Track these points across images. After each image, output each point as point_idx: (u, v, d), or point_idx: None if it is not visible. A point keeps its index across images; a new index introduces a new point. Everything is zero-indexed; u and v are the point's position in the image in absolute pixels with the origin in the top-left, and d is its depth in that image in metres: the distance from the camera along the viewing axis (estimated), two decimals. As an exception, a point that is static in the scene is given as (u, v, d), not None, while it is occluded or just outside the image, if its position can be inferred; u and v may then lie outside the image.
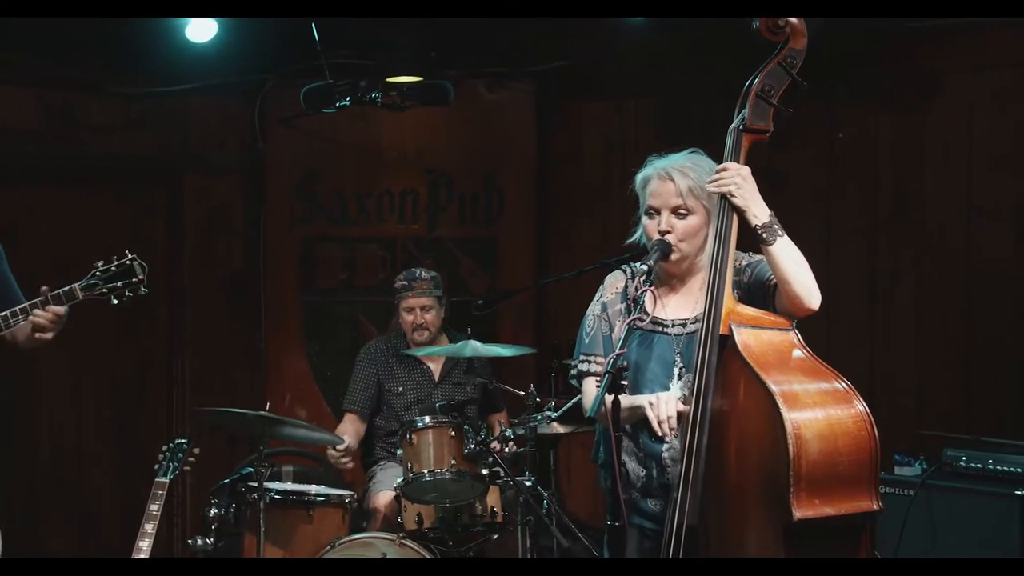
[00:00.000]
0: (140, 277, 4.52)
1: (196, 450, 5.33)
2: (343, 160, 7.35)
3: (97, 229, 6.79)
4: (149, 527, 5.04)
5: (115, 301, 4.54)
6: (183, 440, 5.35)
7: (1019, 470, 5.27)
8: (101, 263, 4.54)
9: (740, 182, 3.71)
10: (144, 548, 5.00)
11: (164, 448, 5.32)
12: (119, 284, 4.51)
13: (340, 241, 7.38)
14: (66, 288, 4.55)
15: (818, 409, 3.44)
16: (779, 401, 3.40)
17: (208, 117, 7.35)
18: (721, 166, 3.76)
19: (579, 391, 4.11)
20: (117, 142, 7.14)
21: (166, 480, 5.19)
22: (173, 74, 7.00)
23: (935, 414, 6.27)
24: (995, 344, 6.28)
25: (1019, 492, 5.18)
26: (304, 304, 7.38)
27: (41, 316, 4.53)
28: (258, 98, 7.30)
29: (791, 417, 3.38)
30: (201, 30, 6.46)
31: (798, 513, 3.35)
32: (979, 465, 5.37)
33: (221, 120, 7.38)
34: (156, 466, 5.25)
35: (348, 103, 6.70)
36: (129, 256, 4.54)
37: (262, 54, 6.98)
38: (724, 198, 3.73)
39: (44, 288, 4.55)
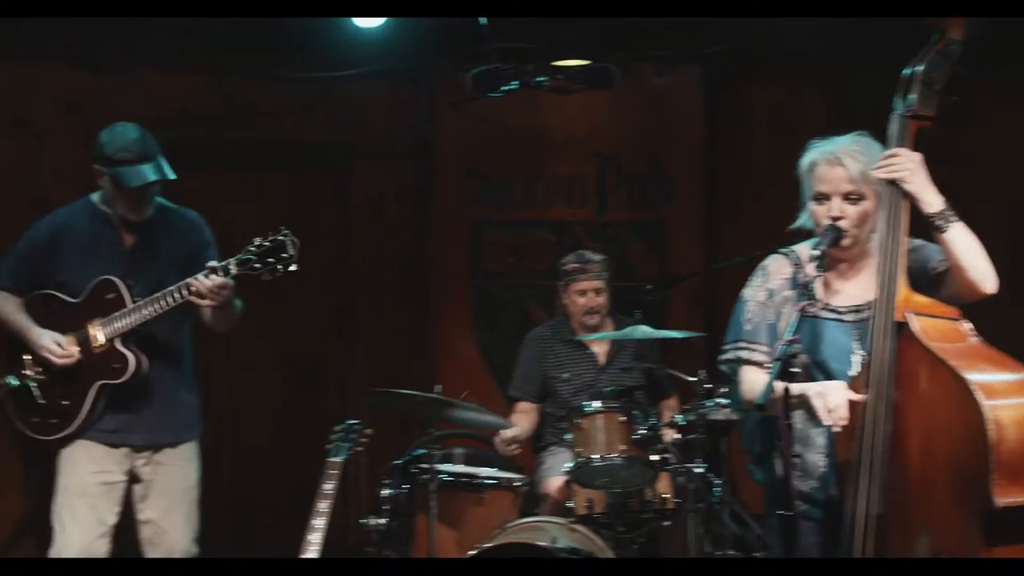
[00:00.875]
0: (291, 253, 4.60)
1: (368, 431, 5.41)
2: (511, 144, 7.36)
3: (268, 213, 6.87)
4: (323, 506, 5.14)
5: (267, 277, 4.63)
6: (355, 422, 5.43)
7: None
8: (257, 240, 4.63)
9: (912, 167, 3.66)
10: (319, 527, 5.09)
11: (337, 429, 5.41)
12: (270, 260, 4.60)
13: (508, 225, 7.41)
14: (223, 263, 4.66)
15: (1012, 397, 3.40)
16: (975, 389, 3.37)
17: (377, 102, 7.40)
18: (891, 152, 3.70)
19: (730, 378, 4.05)
20: (288, 127, 7.24)
21: (339, 460, 5.28)
22: (343, 59, 7.07)
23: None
24: None
25: None
26: (472, 288, 7.43)
27: (200, 283, 4.64)
28: (426, 83, 7.34)
29: (989, 404, 3.35)
30: (368, 17, 6.52)
31: (1000, 500, 3.32)
32: None
33: (390, 105, 7.43)
34: (329, 447, 5.34)
35: (515, 87, 6.71)
36: (282, 232, 4.61)
37: (430, 38, 7.01)
38: (895, 184, 3.66)
39: (209, 264, 4.67)
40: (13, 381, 4.99)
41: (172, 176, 4.88)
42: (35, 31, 6.37)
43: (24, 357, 4.97)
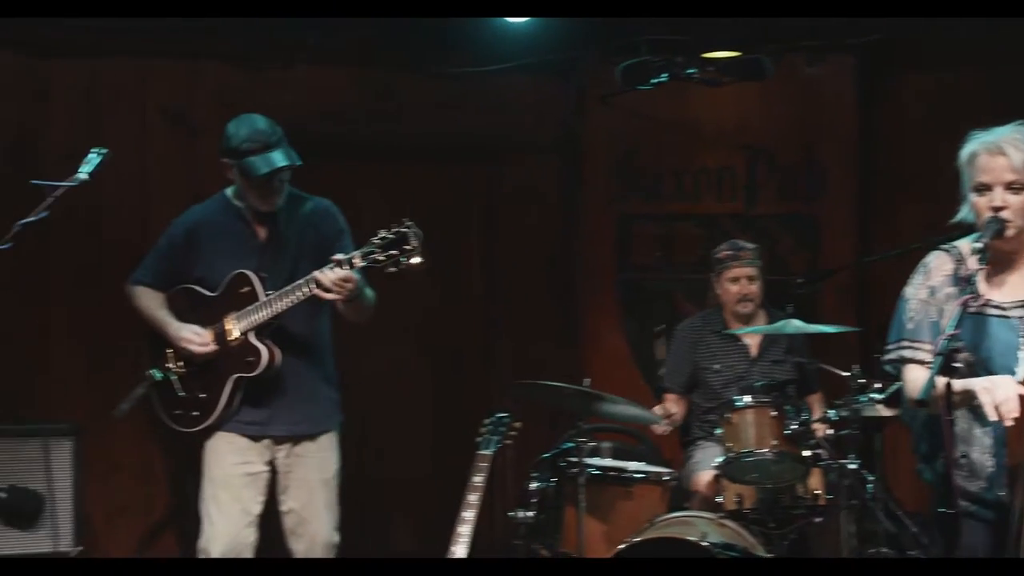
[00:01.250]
0: (413, 245, 4.60)
1: (517, 424, 5.41)
2: (660, 137, 7.31)
3: (417, 208, 6.93)
4: (473, 499, 5.16)
5: (391, 269, 4.64)
6: (505, 414, 5.44)
7: None
8: (381, 232, 4.65)
9: None
10: (468, 519, 5.11)
11: (486, 422, 5.42)
12: (393, 252, 4.61)
13: (657, 218, 7.35)
14: (347, 256, 4.69)
15: None
16: None
17: (525, 96, 7.41)
18: None
19: (894, 379, 3.98)
20: (437, 121, 7.28)
21: (489, 453, 5.30)
22: (492, 54, 7.09)
23: None
24: None
25: None
26: (620, 282, 7.38)
27: (324, 277, 4.68)
28: (575, 77, 7.33)
29: None
30: (517, 16, 6.54)
31: None
32: None
33: (538, 99, 7.43)
34: (478, 439, 5.36)
35: (665, 79, 6.67)
36: (406, 224, 4.62)
37: (578, 33, 7.00)
38: None
39: (333, 257, 4.71)
40: (157, 374, 5.14)
41: (298, 162, 4.96)
42: (193, 30, 6.52)
43: (167, 351, 5.11)
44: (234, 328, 4.94)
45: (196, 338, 4.97)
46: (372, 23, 6.59)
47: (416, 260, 4.62)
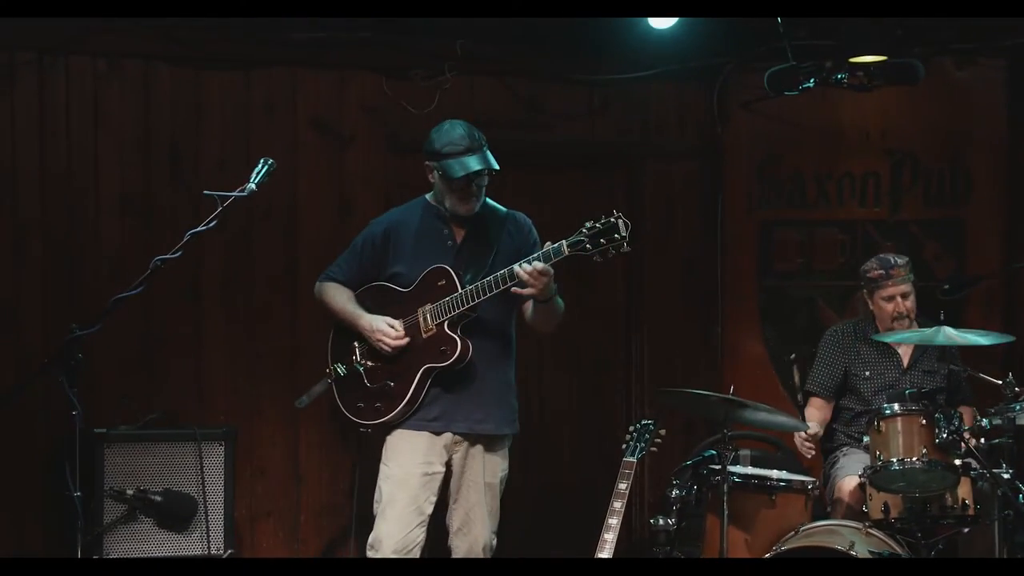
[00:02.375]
0: (623, 234, 4.64)
1: (662, 431, 5.41)
2: (803, 142, 7.27)
3: (560, 213, 6.98)
4: (618, 505, 5.16)
5: (598, 259, 4.68)
6: (650, 421, 5.44)
7: None
8: (589, 222, 4.69)
9: None
10: (613, 525, 5.12)
11: (631, 429, 5.42)
12: (602, 241, 4.65)
13: (799, 224, 7.31)
14: (555, 244, 4.74)
15: None
16: None
17: (668, 102, 7.42)
18: None
19: None
20: (580, 128, 7.33)
21: (634, 460, 5.29)
22: (635, 61, 7.12)
23: None
24: None
25: None
26: (761, 288, 7.35)
27: (523, 270, 4.74)
28: (717, 82, 7.31)
29: None
30: (663, 17, 6.54)
31: None
32: None
33: (680, 105, 7.43)
34: (623, 446, 5.36)
35: (813, 84, 6.61)
36: (615, 214, 4.66)
37: (721, 38, 6.99)
38: None
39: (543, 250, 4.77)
40: (341, 370, 5.22)
41: (495, 167, 5.03)
42: (342, 41, 6.65)
43: (354, 345, 5.19)
44: (428, 318, 5.01)
45: (392, 331, 5.05)
46: (518, 30, 6.64)
47: (626, 249, 4.67)
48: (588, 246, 4.68)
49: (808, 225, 7.30)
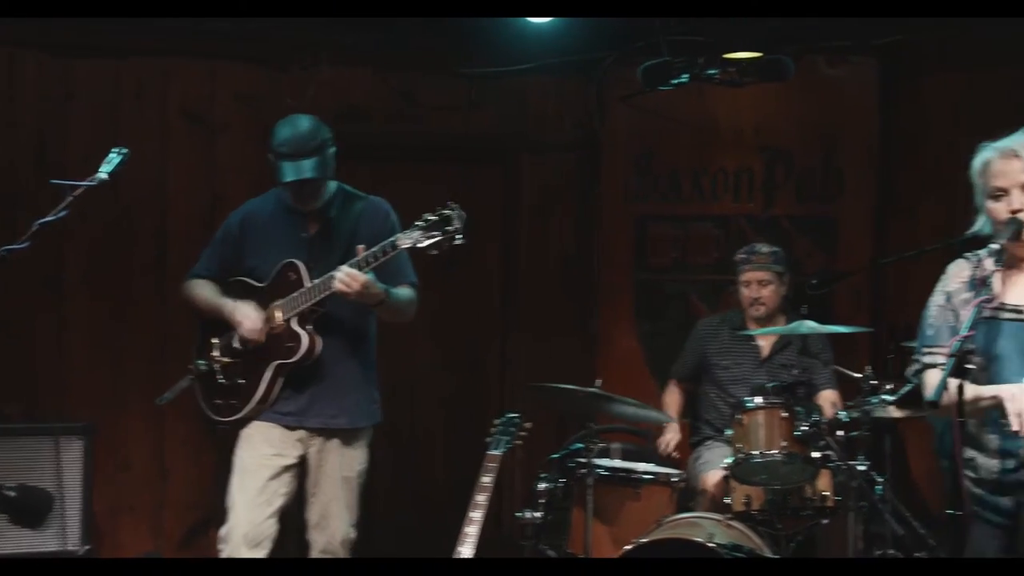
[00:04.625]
0: (457, 226, 4.62)
1: (528, 425, 5.40)
2: (679, 138, 7.30)
3: (436, 206, 6.96)
4: (481, 499, 5.14)
5: (434, 252, 4.66)
6: (515, 415, 5.44)
7: None
8: (426, 214, 4.67)
9: None
10: (476, 519, 5.10)
11: (496, 422, 5.41)
12: (435, 234, 4.63)
13: (673, 219, 7.34)
14: (387, 241, 4.71)
15: None
16: None
17: (545, 97, 7.43)
18: None
19: (920, 386, 3.96)
20: (456, 121, 7.31)
21: (498, 454, 5.27)
22: (512, 55, 7.10)
23: None
24: None
25: None
26: (636, 282, 7.38)
27: (337, 275, 4.70)
28: (595, 77, 7.33)
29: None
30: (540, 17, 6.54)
31: None
32: None
33: (558, 99, 7.45)
34: (488, 440, 5.35)
35: (686, 80, 6.65)
36: (450, 206, 4.64)
37: (600, 33, 6.99)
38: None
39: (360, 248, 4.73)
40: (203, 366, 5.17)
41: (310, 175, 4.92)
42: (214, 31, 6.56)
43: (212, 341, 5.14)
44: (278, 314, 4.97)
45: (250, 317, 4.99)
46: (394, 24, 6.61)
47: (460, 241, 4.63)
48: (423, 239, 4.65)
49: (683, 220, 7.34)
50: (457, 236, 4.63)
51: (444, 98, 7.26)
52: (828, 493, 5.39)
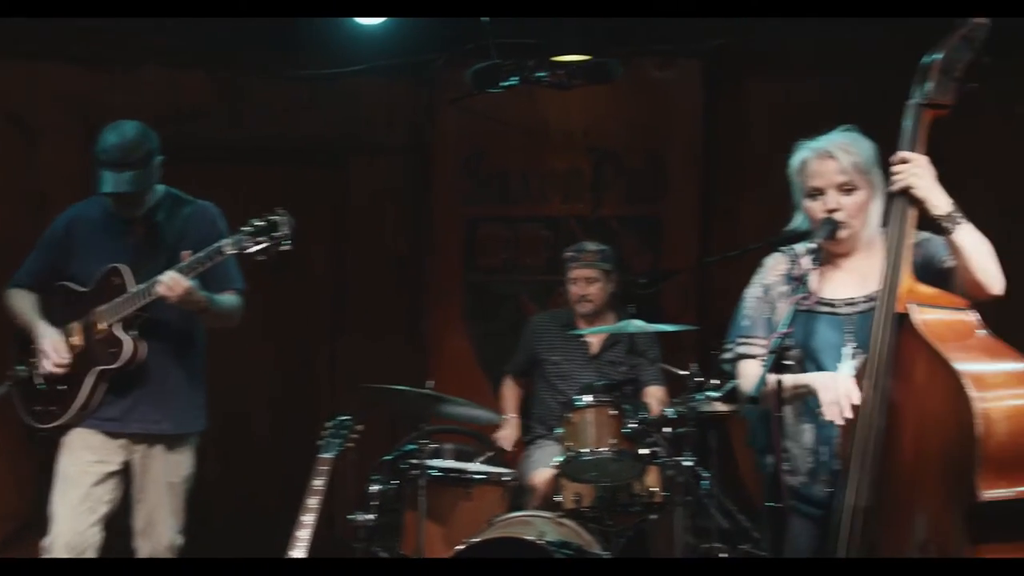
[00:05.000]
0: (285, 232, 4.60)
1: (359, 427, 5.40)
2: (509, 139, 7.35)
3: (264, 209, 6.90)
4: (313, 502, 5.12)
5: (261, 257, 4.63)
6: (346, 417, 5.42)
7: None
8: (253, 220, 4.63)
9: (920, 172, 3.61)
10: (308, 523, 5.08)
11: (328, 426, 5.40)
12: (263, 239, 4.60)
13: (504, 221, 7.40)
14: (214, 246, 4.65)
15: (1005, 389, 3.34)
16: (965, 382, 3.30)
17: (376, 98, 7.42)
18: (896, 157, 3.65)
19: (732, 374, 4.06)
20: (287, 124, 7.26)
21: (330, 456, 5.27)
22: (342, 56, 7.08)
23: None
24: None
25: None
26: (467, 284, 7.43)
27: (160, 280, 4.64)
28: (426, 79, 7.34)
29: (978, 396, 3.28)
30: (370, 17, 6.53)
31: (985, 495, 3.26)
32: None
33: (389, 101, 7.45)
34: (320, 443, 5.33)
35: (515, 82, 6.70)
36: (277, 212, 4.61)
37: (430, 35, 7.01)
38: (904, 191, 3.62)
39: (185, 253, 4.67)
40: (22, 373, 5.05)
41: (127, 189, 4.84)
42: (35, 29, 6.39)
43: (32, 347, 5.03)
44: (100, 320, 4.87)
45: (56, 351, 4.91)
46: (225, 25, 6.52)
47: (287, 247, 4.61)
48: (249, 244, 4.62)
49: (513, 221, 7.40)
50: (284, 242, 4.60)
51: (275, 100, 7.22)
52: (656, 489, 5.47)
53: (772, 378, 3.59)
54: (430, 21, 6.71)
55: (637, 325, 5.68)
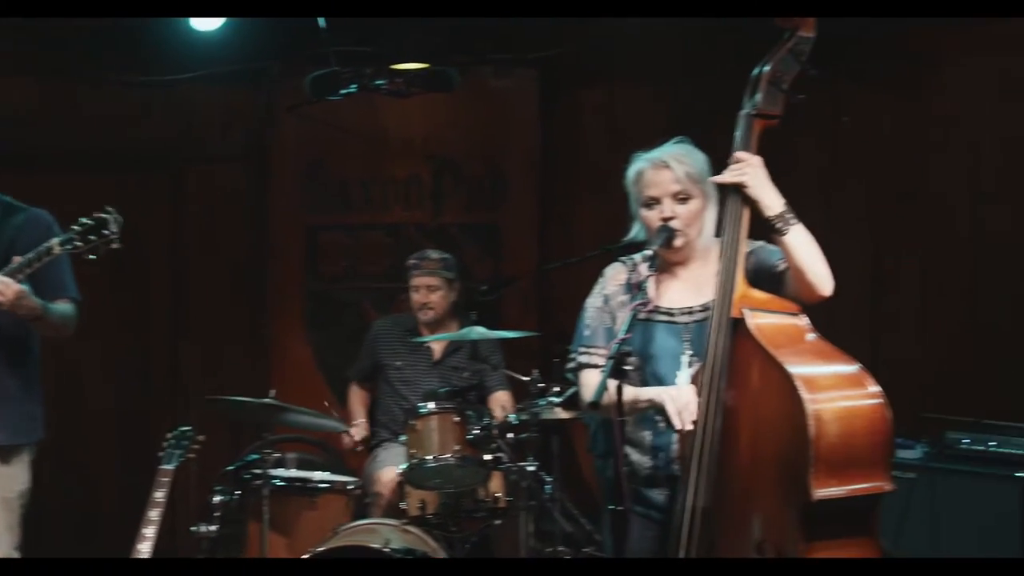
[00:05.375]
0: (113, 231, 4.53)
1: (201, 437, 5.35)
2: (348, 147, 7.33)
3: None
4: (154, 515, 5.06)
5: (90, 256, 4.56)
6: (188, 428, 5.36)
7: (1021, 452, 5.31)
8: (82, 219, 4.56)
9: (753, 172, 3.70)
10: (149, 535, 5.01)
11: (169, 436, 5.33)
12: (92, 238, 4.53)
13: (345, 228, 7.39)
14: (42, 247, 4.57)
15: (835, 391, 3.46)
16: (798, 384, 3.41)
17: (214, 105, 7.35)
18: (734, 156, 3.75)
19: (576, 384, 4.11)
20: (122, 130, 7.16)
21: (171, 468, 5.21)
22: (179, 62, 7.00)
23: (937, 398, 6.24)
24: (998, 328, 6.26)
25: (1020, 475, 5.21)
26: (308, 291, 7.40)
27: None
28: (264, 86, 7.29)
29: (810, 399, 3.39)
30: (207, 19, 6.45)
31: (818, 494, 3.37)
32: (981, 448, 5.42)
33: (226, 108, 7.38)
34: (161, 454, 5.27)
35: (354, 90, 6.70)
36: (106, 210, 4.56)
37: (268, 42, 6.97)
38: (737, 188, 3.72)
39: (16, 259, 4.58)
40: None
41: None
42: None
43: None
44: None
45: None
46: (57, 30, 6.40)
47: (116, 246, 4.53)
48: (78, 243, 4.55)
49: (354, 228, 7.39)
50: (114, 240, 4.55)
51: (111, 106, 7.11)
52: (500, 494, 5.52)
53: (612, 384, 3.65)
54: (266, 28, 6.69)
55: (479, 332, 5.72)
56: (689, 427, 3.64)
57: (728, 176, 3.73)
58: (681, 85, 6.93)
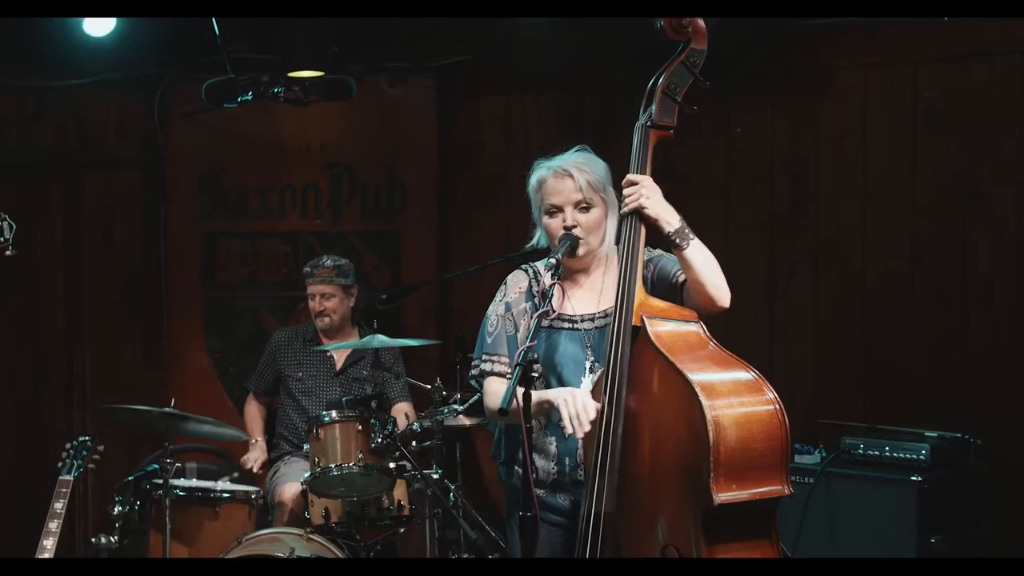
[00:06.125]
0: (7, 237, 4.49)
1: (101, 447, 5.30)
2: (245, 155, 7.30)
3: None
4: (53, 526, 5.01)
5: None
6: (87, 438, 5.32)
7: (914, 456, 5.45)
8: None
9: (648, 194, 3.75)
10: (48, 547, 4.96)
11: (67, 446, 5.28)
12: None
13: (242, 236, 7.33)
14: None
15: (733, 397, 3.52)
16: (697, 390, 3.47)
17: (107, 111, 7.28)
18: (626, 180, 3.79)
19: (480, 391, 4.14)
20: (12, 136, 7.08)
21: (70, 478, 5.16)
22: (71, 67, 6.92)
23: (832, 404, 6.38)
24: (889, 335, 6.40)
25: (915, 478, 5.35)
26: (206, 300, 7.33)
27: None
28: (158, 92, 7.23)
29: (709, 405, 3.45)
30: (99, 23, 6.38)
31: (718, 498, 3.42)
32: (876, 452, 5.55)
33: (120, 114, 7.31)
34: (60, 464, 5.22)
35: (250, 98, 6.66)
36: (0, 216, 4.51)
37: (162, 48, 6.92)
38: (636, 211, 3.76)
39: None
40: None
41: None
42: None
43: None
44: None
45: None
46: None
47: (10, 252, 4.49)
48: None
49: (251, 237, 7.34)
50: (7, 246, 4.50)
51: (2, 110, 6.98)
52: (404, 502, 5.56)
53: (520, 390, 3.67)
54: (161, 33, 6.64)
55: (380, 340, 5.73)
56: (582, 433, 3.67)
57: (628, 206, 3.77)
58: (578, 93, 7.01)
